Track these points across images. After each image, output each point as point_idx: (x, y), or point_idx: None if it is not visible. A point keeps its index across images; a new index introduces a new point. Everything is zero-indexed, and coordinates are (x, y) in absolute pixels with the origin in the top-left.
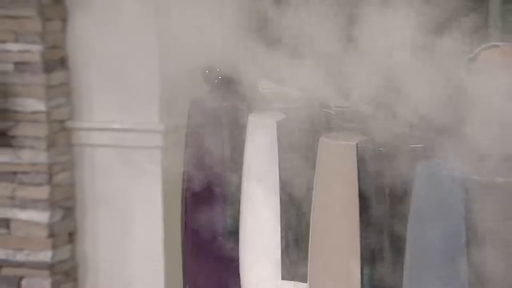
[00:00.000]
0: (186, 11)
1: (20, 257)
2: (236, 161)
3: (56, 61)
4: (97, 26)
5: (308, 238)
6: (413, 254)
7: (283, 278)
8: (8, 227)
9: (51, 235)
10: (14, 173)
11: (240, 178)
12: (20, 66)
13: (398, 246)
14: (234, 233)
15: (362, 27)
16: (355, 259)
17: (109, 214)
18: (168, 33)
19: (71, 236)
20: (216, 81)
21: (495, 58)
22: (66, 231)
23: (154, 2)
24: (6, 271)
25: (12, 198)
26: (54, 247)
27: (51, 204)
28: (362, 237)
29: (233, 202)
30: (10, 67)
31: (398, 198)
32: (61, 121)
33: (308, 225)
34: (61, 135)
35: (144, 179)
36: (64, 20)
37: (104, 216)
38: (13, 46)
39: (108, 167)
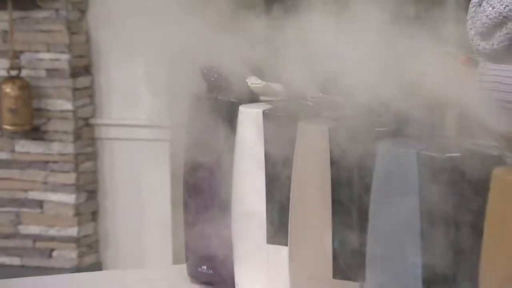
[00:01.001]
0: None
1: (51, 232)
2: (228, 146)
3: (81, 68)
4: (115, 39)
5: (289, 209)
6: (373, 229)
7: (268, 242)
8: (41, 207)
9: (77, 214)
10: (46, 162)
11: (232, 159)
12: (51, 72)
13: (364, 221)
14: (227, 208)
15: (334, 23)
16: (327, 231)
17: (125, 196)
18: (174, 39)
19: (94, 215)
20: (212, 79)
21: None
22: (89, 210)
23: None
24: (39, 244)
25: (44, 183)
26: (79, 224)
27: (77, 188)
28: (333, 211)
29: (227, 180)
30: (43, 73)
31: (364, 176)
32: (85, 118)
33: (289, 198)
34: (85, 130)
35: (155, 167)
36: (87, 33)
37: (121, 198)
38: (45, 56)
39: (124, 157)
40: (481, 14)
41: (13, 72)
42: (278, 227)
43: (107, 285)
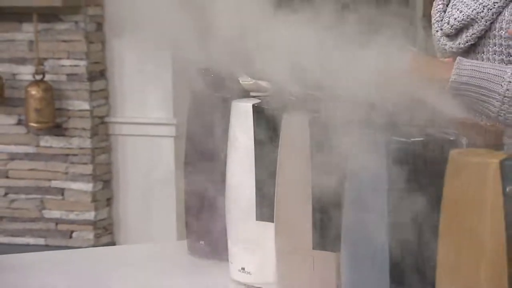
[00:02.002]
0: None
1: (71, 216)
2: (223, 138)
3: (97, 73)
4: (127, 47)
5: (275, 190)
6: (347, 206)
7: (257, 219)
8: (63, 194)
9: (94, 200)
10: (67, 155)
11: (226, 147)
12: (71, 76)
13: (340, 200)
14: (222, 191)
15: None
16: (307, 209)
17: (136, 185)
18: (178, 48)
19: (109, 201)
20: (209, 78)
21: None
22: (105, 197)
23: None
24: (61, 227)
25: (65, 173)
26: (96, 209)
27: (94, 177)
28: (313, 193)
29: (221, 166)
30: (63, 77)
31: (341, 160)
32: (101, 117)
33: (275, 181)
34: (101, 127)
35: (161, 160)
36: (103, 43)
37: (132, 186)
38: (66, 62)
39: (135, 151)
40: (448, 18)
41: (38, 77)
42: (266, 206)
43: (117, 258)
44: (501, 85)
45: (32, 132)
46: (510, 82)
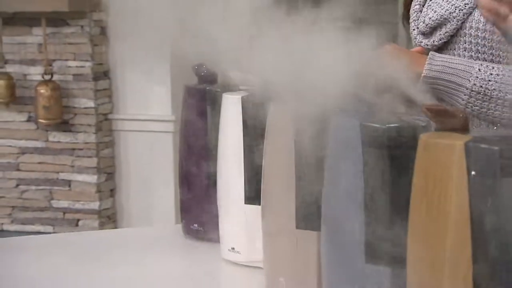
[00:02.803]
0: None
1: (77, 206)
2: (215, 125)
3: (101, 73)
4: (129, 50)
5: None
6: (327, 188)
7: (245, 203)
8: (69, 185)
9: (98, 191)
10: (73, 149)
11: (217, 136)
12: (77, 76)
13: (321, 183)
14: (213, 176)
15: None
16: (291, 192)
17: (137, 177)
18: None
19: (112, 192)
20: (202, 74)
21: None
22: (108, 188)
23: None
24: (68, 216)
25: (72, 166)
26: (100, 199)
27: (98, 170)
28: (297, 177)
29: (213, 155)
30: (70, 77)
31: (321, 145)
32: (105, 114)
33: (262, 166)
34: (104, 123)
35: (161, 154)
36: (107, 45)
37: (133, 178)
38: (72, 63)
39: (136, 145)
40: (423, 17)
41: (47, 77)
42: (253, 191)
43: (118, 240)
44: (469, 80)
45: (41, 128)
46: (477, 77)
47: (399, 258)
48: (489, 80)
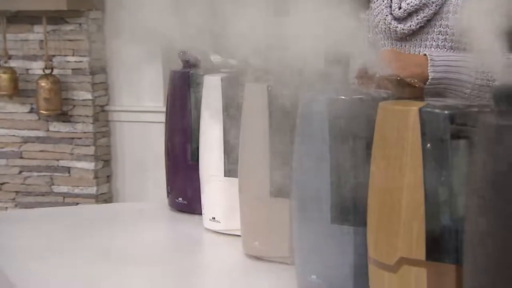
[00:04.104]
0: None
1: (76, 191)
2: (197, 105)
3: (98, 68)
4: (124, 46)
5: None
6: (297, 157)
7: (225, 175)
8: (69, 172)
9: (96, 177)
10: (72, 138)
11: (199, 114)
12: (76, 71)
13: (292, 153)
14: (196, 154)
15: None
16: (266, 165)
17: (132, 164)
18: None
19: (108, 178)
20: (187, 60)
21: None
22: (105, 175)
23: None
24: (68, 200)
25: (71, 154)
26: (97, 184)
27: (96, 158)
28: (271, 151)
29: (196, 134)
30: (69, 71)
31: (293, 120)
32: (102, 106)
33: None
34: (101, 114)
35: (153, 142)
36: (104, 42)
37: (129, 165)
38: (71, 59)
39: (131, 135)
40: (399, 3)
41: (47, 71)
42: (232, 164)
43: (110, 212)
44: (470, 75)
45: (43, 119)
46: (478, 71)
47: (361, 218)
48: (488, 72)
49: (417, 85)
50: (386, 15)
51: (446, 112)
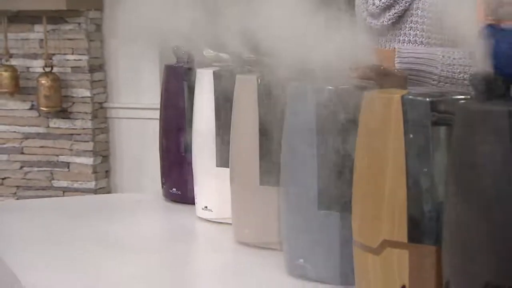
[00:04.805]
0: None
1: (76, 185)
2: (190, 97)
3: (97, 66)
4: (122, 45)
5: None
6: (285, 145)
7: (217, 165)
8: (68, 167)
9: (94, 172)
10: (72, 134)
11: (193, 106)
12: (75, 69)
13: (280, 141)
14: (189, 146)
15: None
16: (255, 153)
17: (129, 160)
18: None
19: (107, 173)
20: (180, 54)
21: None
22: (103, 170)
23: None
24: (67, 194)
25: (70, 150)
26: (96, 179)
27: (94, 153)
28: (260, 139)
29: (189, 126)
30: (69, 69)
31: (282, 110)
32: (100, 103)
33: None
34: (100, 111)
35: (150, 138)
36: (102, 41)
37: (126, 160)
38: (71, 57)
39: (129, 131)
40: (375, 0)
41: (47, 69)
42: (224, 155)
43: (108, 202)
44: (436, 67)
45: (43, 115)
46: (443, 63)
47: (346, 204)
48: (454, 65)
49: (399, 74)
50: (363, 11)
51: (427, 99)
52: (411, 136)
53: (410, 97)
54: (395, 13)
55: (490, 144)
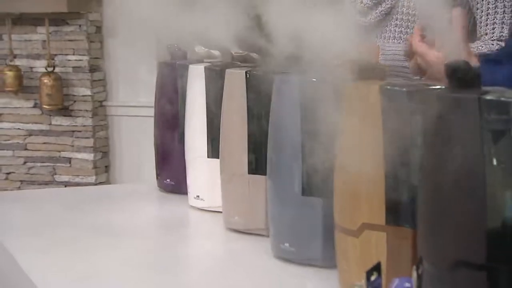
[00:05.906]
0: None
1: (77, 180)
2: (183, 92)
3: (97, 66)
4: (121, 45)
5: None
6: (272, 136)
7: (208, 157)
8: (70, 162)
9: (95, 167)
10: (73, 131)
11: (185, 102)
12: (76, 69)
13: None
14: (182, 139)
15: None
16: (244, 145)
17: (129, 155)
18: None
19: (107, 168)
20: (174, 51)
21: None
22: (103, 165)
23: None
24: None
25: (72, 146)
26: (96, 174)
27: (95, 149)
28: (249, 132)
29: (182, 120)
30: (70, 69)
31: (269, 102)
32: (100, 101)
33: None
34: (100, 109)
35: (148, 135)
36: (101, 42)
37: (126, 156)
38: (72, 57)
39: (128, 129)
40: None
41: (49, 69)
42: (215, 146)
43: (106, 193)
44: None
45: (45, 113)
46: None
47: (328, 190)
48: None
49: (380, 67)
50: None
51: (404, 89)
52: (389, 124)
53: (388, 87)
54: (381, 11)
55: (461, 128)
